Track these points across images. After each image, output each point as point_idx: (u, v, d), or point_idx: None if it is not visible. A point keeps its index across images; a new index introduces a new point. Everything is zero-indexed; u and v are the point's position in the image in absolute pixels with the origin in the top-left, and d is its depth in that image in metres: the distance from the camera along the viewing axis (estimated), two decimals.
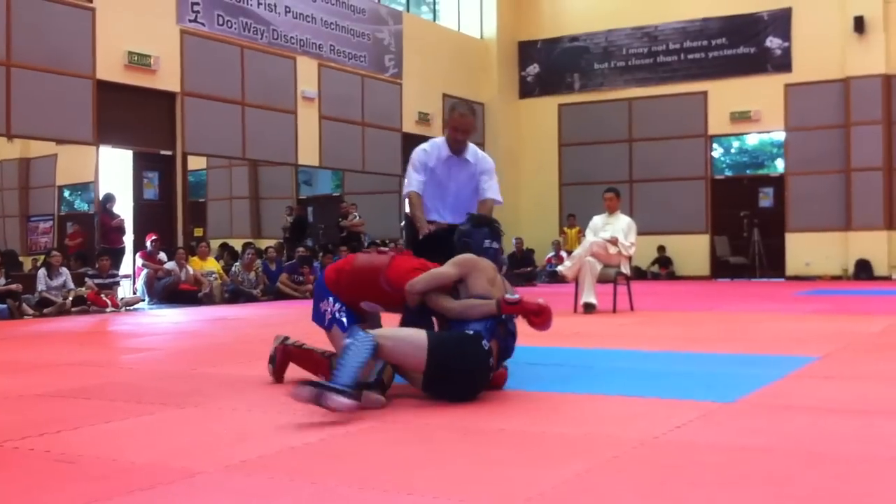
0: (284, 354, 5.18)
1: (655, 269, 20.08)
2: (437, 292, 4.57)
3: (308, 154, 16.77)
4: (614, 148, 20.97)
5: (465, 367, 4.31)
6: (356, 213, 17.12)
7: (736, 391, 4.54)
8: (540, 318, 4.50)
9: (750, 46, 19.83)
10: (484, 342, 4.34)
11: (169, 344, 7.98)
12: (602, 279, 10.13)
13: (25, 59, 12.31)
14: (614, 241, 10.12)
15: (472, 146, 5.82)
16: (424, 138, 6.31)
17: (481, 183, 5.73)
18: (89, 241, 13.67)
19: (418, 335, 4.32)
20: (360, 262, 4.95)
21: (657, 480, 2.95)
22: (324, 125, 16.98)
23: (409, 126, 18.81)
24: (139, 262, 13.78)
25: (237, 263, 14.15)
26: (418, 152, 5.79)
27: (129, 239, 14.12)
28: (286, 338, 5.25)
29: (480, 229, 4.89)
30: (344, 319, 4.86)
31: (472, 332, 4.37)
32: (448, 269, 4.61)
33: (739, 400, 4.34)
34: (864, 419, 3.89)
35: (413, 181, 5.71)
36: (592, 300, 9.89)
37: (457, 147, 5.70)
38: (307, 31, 16.59)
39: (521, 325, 4.70)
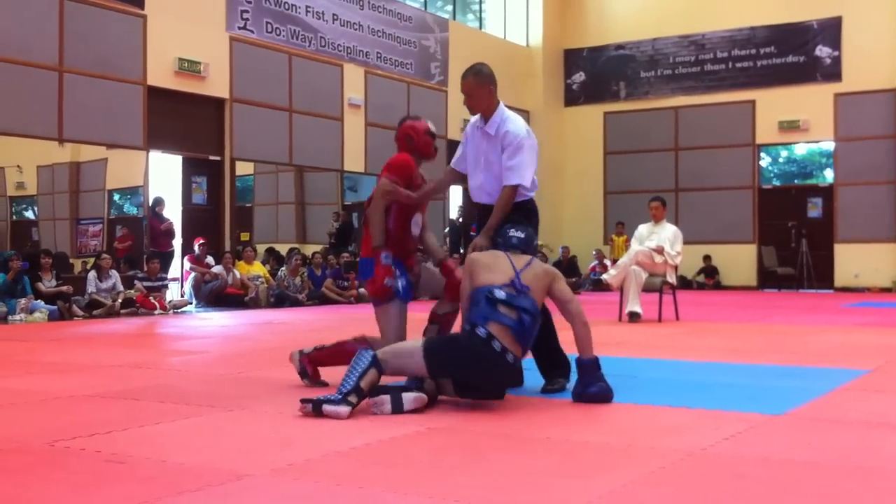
0: (312, 363, 5.24)
1: (701, 278, 19.91)
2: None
3: (353, 160, 16.87)
4: (660, 156, 20.84)
5: (466, 363, 4.31)
6: None
7: (784, 404, 4.49)
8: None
9: (799, 55, 19.61)
10: (479, 330, 4.30)
11: (216, 347, 8.05)
12: (647, 288, 10.07)
13: (77, 65, 12.52)
14: (660, 251, 10.05)
15: (501, 116, 5.08)
16: None
17: (503, 163, 4.99)
18: (138, 244, 13.86)
19: (413, 344, 4.42)
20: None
21: (703, 493, 2.92)
22: (369, 132, 17.07)
23: (454, 133, 18.83)
24: (187, 265, 13.95)
25: (283, 268, 14.26)
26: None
27: (177, 243, 14.29)
28: (301, 351, 5.32)
29: (504, 225, 4.85)
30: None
31: (467, 327, 4.40)
32: (462, 282, 4.70)
33: (788, 413, 4.29)
34: None
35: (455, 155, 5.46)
36: (637, 309, 9.83)
37: (473, 114, 5.21)
38: (354, 39, 16.69)
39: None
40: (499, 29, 21.13)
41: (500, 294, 4.37)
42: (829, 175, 19.82)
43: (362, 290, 14.80)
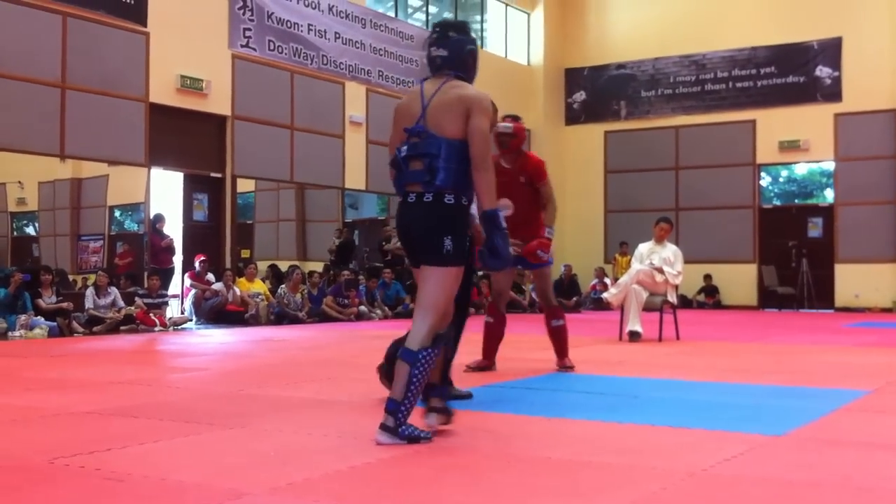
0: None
1: (701, 297, 19.89)
2: None
3: (355, 178, 16.89)
4: (661, 175, 20.86)
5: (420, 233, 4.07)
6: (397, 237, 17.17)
7: (785, 424, 4.48)
8: None
9: (799, 75, 19.66)
10: (409, 197, 4.10)
11: (216, 364, 8.05)
12: (648, 307, 10.05)
13: (79, 82, 12.55)
14: (660, 270, 10.05)
15: None
16: None
17: None
18: (139, 260, 13.86)
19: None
20: None
21: None
22: (371, 149, 17.10)
23: None
24: (187, 282, 13.94)
25: (283, 286, 14.25)
26: None
27: (177, 259, 14.29)
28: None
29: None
30: None
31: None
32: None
33: (789, 433, 4.28)
34: None
35: None
36: (638, 328, 9.82)
37: None
38: (356, 57, 16.75)
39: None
40: (500, 48, 21.20)
41: (402, 151, 4.07)
42: (829, 195, 19.84)
43: (362, 307, 14.81)
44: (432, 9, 19.78)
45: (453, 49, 4.11)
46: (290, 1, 15.45)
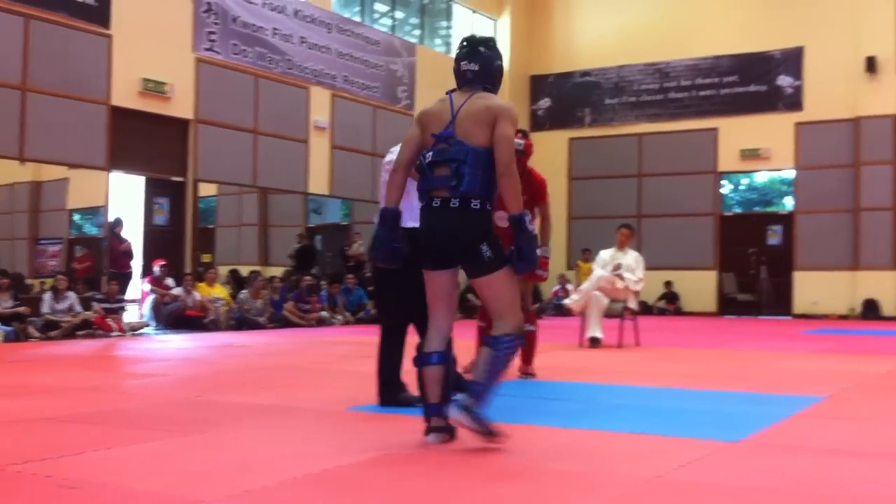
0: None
1: (662, 304, 20.03)
2: None
3: (318, 183, 16.84)
4: (624, 183, 20.99)
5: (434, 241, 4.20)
6: (361, 242, 17.17)
7: (742, 430, 4.52)
8: None
9: (761, 84, 19.88)
10: (434, 202, 4.20)
11: (174, 370, 7.97)
12: (609, 314, 10.11)
13: (41, 84, 12.41)
14: (620, 276, 10.11)
15: None
16: None
17: None
18: (97, 264, 13.71)
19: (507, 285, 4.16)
20: None
21: None
22: (335, 155, 17.06)
23: None
24: (146, 287, 13.81)
25: (244, 291, 14.16)
26: None
27: (136, 264, 14.15)
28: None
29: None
30: None
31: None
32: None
33: (745, 439, 4.32)
34: (872, 461, 3.87)
35: None
36: (598, 334, 9.87)
37: None
38: (321, 62, 16.70)
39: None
40: None
41: (428, 157, 4.16)
42: (788, 203, 20.06)
43: (323, 313, 14.75)
44: (398, 14, 19.78)
45: (484, 64, 4.28)
46: (255, 5, 15.38)
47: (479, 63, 4.27)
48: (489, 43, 4.37)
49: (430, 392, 4.18)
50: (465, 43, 4.37)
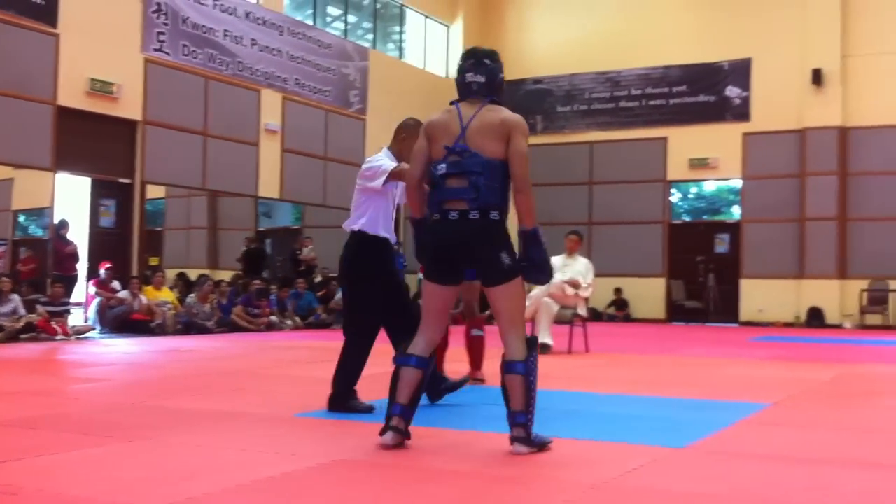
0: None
1: (612, 311, 20.19)
2: None
3: (269, 186, 16.72)
4: (575, 190, 21.13)
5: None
6: (310, 247, 17.09)
7: (687, 437, 4.56)
8: None
9: (710, 95, 20.14)
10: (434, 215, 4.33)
11: (119, 375, 7.86)
12: (558, 320, 10.16)
13: None
14: (574, 283, 10.16)
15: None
16: None
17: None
18: (42, 267, 13.47)
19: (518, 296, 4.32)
20: None
21: None
22: (286, 158, 16.96)
23: None
24: (92, 290, 13.60)
25: (192, 295, 14.01)
26: None
27: (82, 266, 13.93)
28: None
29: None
30: None
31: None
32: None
33: (690, 445, 4.36)
34: (813, 468, 3.93)
35: None
36: (548, 341, 9.91)
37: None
38: (272, 65, 16.60)
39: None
40: (419, 59, 21.25)
41: (441, 169, 4.20)
42: (736, 212, 20.35)
43: (273, 317, 14.64)
44: (351, 18, 19.74)
45: (490, 76, 4.33)
46: (205, 6, 15.25)
47: (484, 75, 4.33)
48: (493, 56, 4.42)
49: (401, 392, 4.19)
50: (469, 55, 4.43)
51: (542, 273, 4.27)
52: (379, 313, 5.32)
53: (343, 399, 5.28)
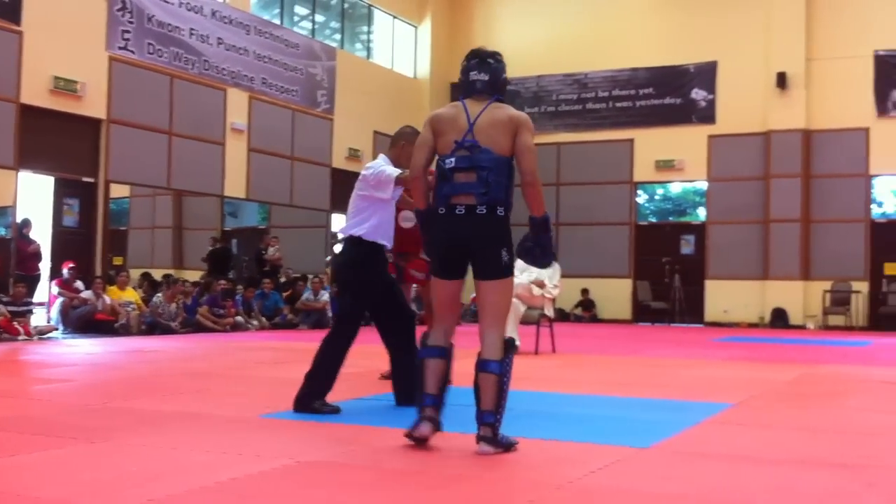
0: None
1: (579, 311, 20.27)
2: None
3: (235, 186, 16.61)
4: (542, 191, 21.16)
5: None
6: (276, 247, 17.01)
7: (652, 437, 4.59)
8: None
9: (676, 97, 20.29)
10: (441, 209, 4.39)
11: (82, 376, 7.78)
12: (525, 321, 10.18)
13: None
14: (540, 284, 10.19)
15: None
16: (354, 174, 6.30)
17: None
18: (4, 266, 13.29)
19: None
20: None
21: None
22: (252, 157, 16.86)
23: (339, 162, 18.78)
24: (55, 289, 13.44)
25: (159, 295, 13.89)
26: None
27: (45, 266, 13.77)
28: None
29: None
30: None
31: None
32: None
33: (654, 445, 4.39)
34: (776, 468, 3.96)
35: None
36: (516, 341, 9.90)
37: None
38: (239, 64, 16.50)
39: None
40: (387, 59, 21.22)
41: (450, 163, 4.25)
42: (701, 213, 20.50)
43: (238, 317, 14.56)
44: (319, 18, 19.67)
45: (493, 74, 4.43)
46: (171, 4, 15.12)
47: (488, 73, 4.42)
48: (497, 56, 4.53)
49: (429, 383, 4.31)
50: (472, 55, 4.53)
51: (546, 256, 4.43)
52: (374, 317, 5.49)
53: (310, 399, 5.26)
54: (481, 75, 4.42)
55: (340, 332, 5.39)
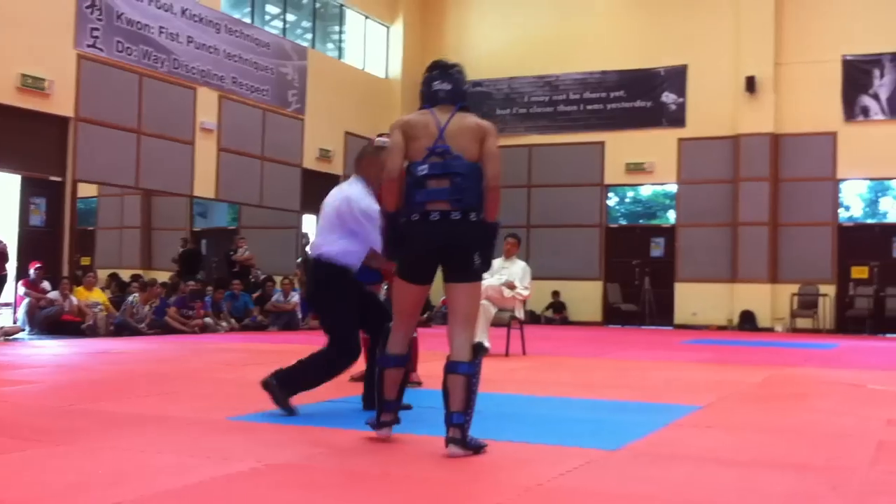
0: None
1: (549, 313, 20.31)
2: None
3: (204, 186, 16.50)
4: (513, 193, 21.17)
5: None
6: (246, 247, 16.92)
7: (620, 439, 4.60)
8: None
9: (646, 100, 20.39)
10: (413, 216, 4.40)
11: (48, 377, 7.69)
12: (496, 323, 10.18)
13: None
14: (511, 286, 10.20)
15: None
16: (324, 175, 6.28)
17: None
18: None
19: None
20: None
21: None
22: (222, 157, 16.76)
23: (310, 162, 18.71)
24: (21, 290, 13.29)
25: (134, 295, 13.75)
26: None
27: (11, 266, 13.61)
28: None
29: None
30: None
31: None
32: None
33: (623, 447, 4.40)
34: (742, 470, 3.99)
35: None
36: (486, 343, 9.92)
37: None
38: (209, 62, 16.39)
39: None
40: (358, 60, 21.17)
41: (423, 170, 4.27)
42: (671, 216, 20.62)
43: (207, 319, 14.45)
44: (290, 17, 19.58)
45: (455, 83, 4.52)
46: (140, 2, 14.99)
47: (451, 83, 4.51)
48: (458, 67, 4.64)
49: (388, 391, 4.41)
50: (434, 66, 4.62)
51: (485, 264, 4.42)
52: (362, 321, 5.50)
53: (283, 388, 5.22)
54: (444, 85, 4.49)
55: (340, 364, 5.37)
